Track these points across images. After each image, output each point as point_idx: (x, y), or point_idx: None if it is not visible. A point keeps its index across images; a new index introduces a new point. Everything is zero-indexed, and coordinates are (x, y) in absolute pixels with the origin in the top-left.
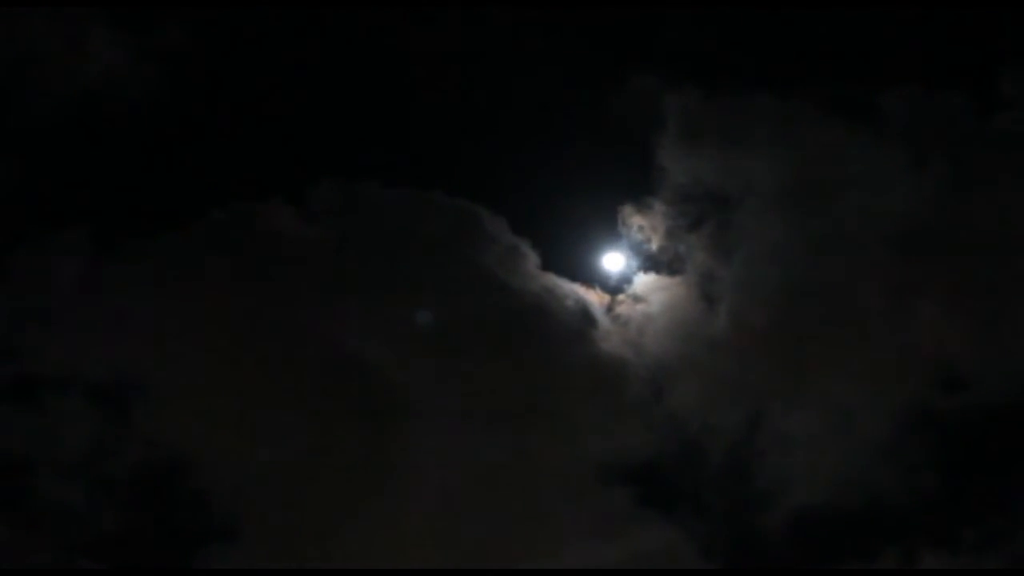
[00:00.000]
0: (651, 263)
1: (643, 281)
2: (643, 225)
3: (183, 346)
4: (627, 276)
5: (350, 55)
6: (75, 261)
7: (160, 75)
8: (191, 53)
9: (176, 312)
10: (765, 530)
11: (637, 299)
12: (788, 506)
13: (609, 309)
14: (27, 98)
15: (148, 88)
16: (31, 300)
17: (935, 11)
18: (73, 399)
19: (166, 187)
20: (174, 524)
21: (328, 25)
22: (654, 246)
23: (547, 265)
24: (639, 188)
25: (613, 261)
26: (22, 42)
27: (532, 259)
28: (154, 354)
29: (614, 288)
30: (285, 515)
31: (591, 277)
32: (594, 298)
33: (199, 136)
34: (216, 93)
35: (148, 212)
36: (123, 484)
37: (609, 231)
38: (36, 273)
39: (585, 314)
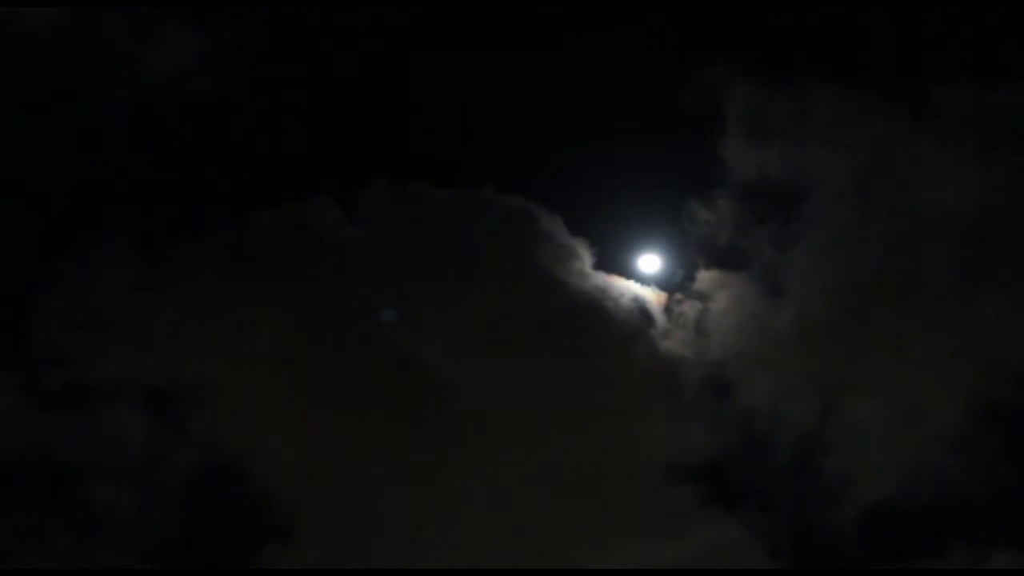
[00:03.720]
0: (715, 258)
1: (706, 277)
2: (709, 220)
3: (235, 349)
4: (690, 273)
5: (402, 53)
6: (126, 265)
7: (211, 77)
8: (242, 55)
9: (227, 315)
10: (833, 527)
11: (700, 295)
12: (856, 502)
13: (667, 308)
14: (103, 99)
15: (198, 90)
16: (83, 306)
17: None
18: (126, 404)
19: (215, 188)
20: (230, 527)
21: (380, 24)
22: (720, 241)
23: (603, 263)
24: (703, 182)
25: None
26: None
27: (587, 257)
28: (206, 357)
29: (676, 286)
30: (341, 516)
31: (649, 275)
32: (651, 296)
33: (248, 137)
34: (264, 95)
35: (198, 214)
36: (178, 488)
37: (669, 227)
38: (87, 278)
39: (643, 312)
